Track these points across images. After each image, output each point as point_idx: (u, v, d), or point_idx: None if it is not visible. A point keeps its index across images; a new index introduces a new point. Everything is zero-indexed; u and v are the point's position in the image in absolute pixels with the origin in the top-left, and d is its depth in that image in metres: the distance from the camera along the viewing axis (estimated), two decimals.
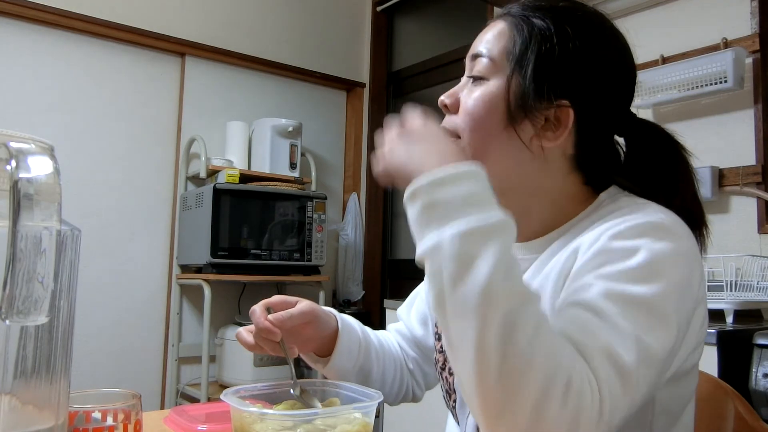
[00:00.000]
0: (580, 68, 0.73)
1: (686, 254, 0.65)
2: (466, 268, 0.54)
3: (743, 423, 0.87)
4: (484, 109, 0.74)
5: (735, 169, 2.02)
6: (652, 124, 0.83)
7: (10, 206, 0.42)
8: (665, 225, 0.66)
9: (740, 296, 1.75)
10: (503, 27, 0.77)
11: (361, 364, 0.90)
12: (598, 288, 0.60)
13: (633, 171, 0.79)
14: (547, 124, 0.73)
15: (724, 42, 2.05)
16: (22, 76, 2.61)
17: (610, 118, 0.77)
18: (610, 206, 0.74)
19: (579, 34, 0.73)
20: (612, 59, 0.76)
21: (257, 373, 2.59)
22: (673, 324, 0.60)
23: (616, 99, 0.77)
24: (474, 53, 0.78)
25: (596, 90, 0.74)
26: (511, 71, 0.74)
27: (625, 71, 0.78)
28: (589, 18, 0.76)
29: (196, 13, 3.04)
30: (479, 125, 0.75)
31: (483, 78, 0.76)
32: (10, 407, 0.46)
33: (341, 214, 3.49)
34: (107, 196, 2.78)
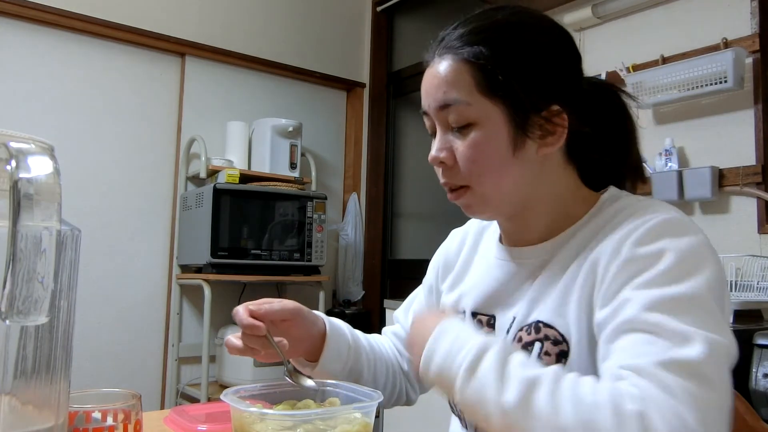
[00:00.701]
0: (551, 70, 0.74)
1: (707, 244, 0.66)
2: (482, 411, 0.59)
3: (743, 423, 0.87)
4: (488, 152, 0.73)
5: (735, 169, 2.02)
6: (597, 81, 0.84)
7: (10, 206, 0.42)
8: (678, 220, 0.67)
9: (740, 296, 1.75)
10: (457, 65, 0.73)
11: (351, 366, 0.89)
12: (638, 301, 0.61)
13: (593, 138, 0.80)
14: (546, 132, 0.74)
15: (724, 42, 2.05)
16: (22, 76, 2.61)
17: (581, 96, 0.78)
18: (612, 207, 0.74)
19: (533, 38, 0.74)
20: (563, 46, 0.77)
21: (257, 373, 2.59)
22: (719, 312, 0.61)
23: (578, 80, 0.78)
24: (441, 104, 0.74)
25: (568, 80, 0.75)
26: (494, 105, 0.72)
27: (572, 47, 0.78)
28: (528, 18, 0.76)
29: (196, 13, 3.04)
30: (489, 169, 0.73)
31: (470, 124, 0.73)
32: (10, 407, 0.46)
33: (341, 214, 3.49)
34: (107, 196, 2.78)
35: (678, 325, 0.58)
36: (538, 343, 0.71)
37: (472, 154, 0.73)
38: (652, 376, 0.55)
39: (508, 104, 0.72)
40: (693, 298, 0.60)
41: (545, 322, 0.72)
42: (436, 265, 0.98)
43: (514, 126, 0.72)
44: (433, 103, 0.75)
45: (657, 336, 0.58)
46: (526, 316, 0.75)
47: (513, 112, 0.72)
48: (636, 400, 0.53)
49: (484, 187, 0.74)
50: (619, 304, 0.62)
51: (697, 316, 0.58)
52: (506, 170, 0.73)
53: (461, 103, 0.72)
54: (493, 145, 0.72)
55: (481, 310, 0.82)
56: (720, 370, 0.56)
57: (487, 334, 0.68)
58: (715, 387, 0.55)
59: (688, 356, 0.55)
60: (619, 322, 0.61)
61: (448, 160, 0.75)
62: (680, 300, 0.59)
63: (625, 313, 0.61)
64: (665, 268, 0.62)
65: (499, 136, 0.72)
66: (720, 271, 0.64)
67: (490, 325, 0.80)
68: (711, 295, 0.61)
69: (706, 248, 0.65)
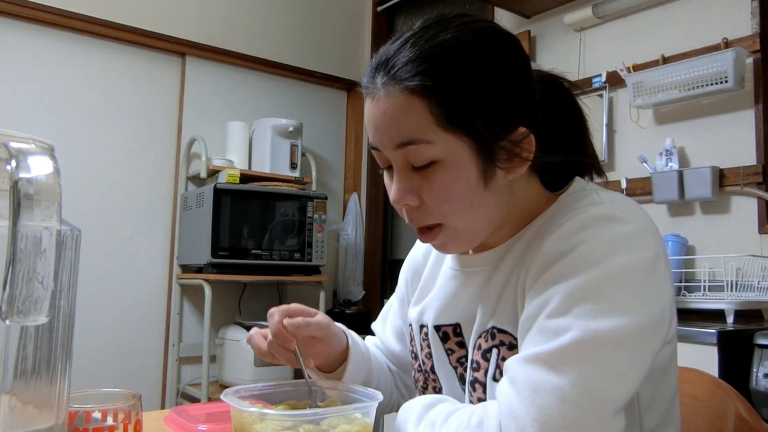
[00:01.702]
0: (510, 87, 0.68)
1: (636, 232, 0.63)
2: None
3: (744, 423, 0.87)
4: (458, 190, 0.67)
5: (735, 169, 2.02)
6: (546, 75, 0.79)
7: (10, 206, 0.42)
8: (603, 214, 0.64)
9: (741, 296, 1.75)
10: (408, 100, 0.65)
11: (363, 379, 0.88)
12: (536, 301, 0.62)
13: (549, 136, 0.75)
14: (511, 155, 0.68)
15: (725, 42, 2.05)
16: (22, 76, 2.61)
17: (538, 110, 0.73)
18: (558, 205, 0.73)
19: (486, 57, 0.66)
20: (515, 57, 0.70)
21: (257, 373, 2.59)
22: (629, 297, 0.59)
23: (533, 88, 0.72)
24: (398, 143, 0.66)
25: (527, 96, 0.70)
26: (457, 138, 0.65)
27: (523, 53, 0.72)
28: (479, 35, 0.68)
29: (196, 13, 3.05)
30: (462, 206, 0.68)
31: (433, 162, 0.66)
32: (10, 407, 0.46)
33: (341, 214, 3.49)
34: (107, 196, 2.78)
35: (555, 321, 0.59)
36: (495, 350, 0.70)
37: (443, 194, 0.67)
38: (508, 371, 0.60)
39: (472, 136, 0.65)
40: (585, 289, 0.59)
41: (500, 328, 0.70)
42: (405, 274, 0.96)
43: (482, 158, 0.66)
44: (387, 142, 0.67)
45: (536, 334, 0.60)
46: (484, 324, 0.73)
47: (478, 143, 0.66)
48: (478, 410, 0.60)
49: (458, 223, 0.69)
50: (527, 304, 0.64)
51: (586, 307, 0.58)
52: (479, 204, 0.68)
53: (422, 142, 0.65)
54: (462, 182, 0.67)
55: (443, 322, 0.80)
56: (591, 357, 0.56)
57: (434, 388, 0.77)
58: (565, 374, 0.55)
59: (549, 349, 0.57)
60: (521, 322, 0.64)
61: (414, 201, 0.69)
62: (573, 293, 0.59)
63: (524, 313, 0.63)
64: (565, 261, 0.62)
65: (467, 171, 0.66)
66: (647, 257, 0.62)
67: (456, 333, 0.79)
68: (620, 281, 0.60)
69: (632, 236, 0.63)
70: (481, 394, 0.71)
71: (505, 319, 0.70)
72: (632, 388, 0.58)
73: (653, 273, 0.62)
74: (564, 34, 2.61)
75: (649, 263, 0.62)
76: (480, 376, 0.71)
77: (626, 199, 0.69)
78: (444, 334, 0.80)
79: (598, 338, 0.56)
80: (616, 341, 0.57)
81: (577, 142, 0.78)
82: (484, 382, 0.70)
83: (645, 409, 0.68)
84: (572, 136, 0.78)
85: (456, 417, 0.62)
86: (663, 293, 0.63)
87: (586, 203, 0.67)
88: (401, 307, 0.96)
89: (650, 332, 0.60)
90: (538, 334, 0.60)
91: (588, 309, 0.58)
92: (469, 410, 0.62)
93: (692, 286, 1.95)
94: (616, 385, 0.56)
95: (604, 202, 0.67)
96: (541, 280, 0.63)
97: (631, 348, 0.58)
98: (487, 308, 0.73)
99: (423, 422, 0.65)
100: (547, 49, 2.70)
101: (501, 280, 0.73)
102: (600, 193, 0.70)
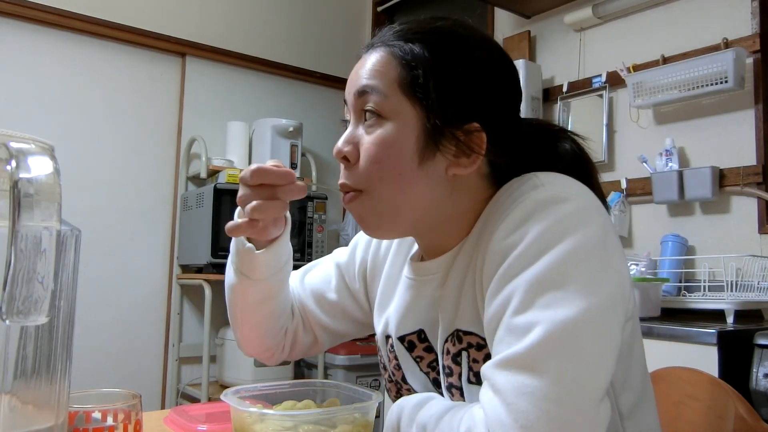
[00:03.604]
0: (480, 86, 0.69)
1: (578, 210, 0.62)
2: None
3: (743, 423, 0.87)
4: (391, 154, 0.67)
5: (735, 169, 2.02)
6: (539, 121, 0.80)
7: (10, 206, 0.42)
8: (544, 200, 0.63)
9: (741, 296, 1.75)
10: (385, 57, 0.69)
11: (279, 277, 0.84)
12: (496, 300, 0.61)
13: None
14: (460, 151, 0.68)
15: (725, 42, 2.05)
16: (22, 76, 2.61)
17: (512, 127, 0.74)
18: (501, 194, 0.70)
19: (468, 52, 0.70)
20: (501, 68, 0.72)
21: (257, 373, 2.59)
22: (587, 276, 0.58)
23: (512, 106, 0.74)
24: (359, 89, 0.70)
25: (498, 103, 0.71)
26: (411, 105, 0.67)
27: (512, 76, 0.74)
28: (470, 33, 0.72)
29: (196, 13, 3.05)
30: (390, 172, 0.68)
31: (379, 116, 0.68)
32: (10, 407, 0.46)
33: (342, 215, 3.49)
34: (107, 196, 2.78)
35: (521, 318, 0.58)
36: (465, 353, 0.69)
37: (376, 151, 0.68)
38: (487, 378, 0.59)
39: (425, 108, 0.67)
40: (543, 278, 0.58)
41: (464, 330, 0.69)
42: (362, 256, 0.92)
43: (426, 134, 0.67)
44: (351, 89, 0.71)
45: (505, 333, 0.59)
46: (448, 328, 0.72)
47: (427, 117, 0.67)
48: (465, 418, 0.60)
49: (380, 195, 0.69)
50: (489, 302, 0.62)
51: (549, 296, 0.57)
52: (407, 180, 0.68)
53: (378, 93, 0.68)
54: (398, 146, 0.67)
55: (406, 331, 0.79)
56: (564, 349, 0.56)
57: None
58: (543, 374, 0.55)
59: (521, 349, 0.56)
60: (486, 322, 0.63)
61: (351, 156, 0.70)
62: (532, 285, 0.58)
63: (487, 313, 0.62)
64: (518, 254, 0.61)
65: (407, 138, 0.67)
66: (596, 233, 0.61)
67: (421, 339, 0.77)
68: (575, 262, 0.59)
69: (577, 214, 0.62)
70: (459, 397, 0.70)
71: (468, 320, 0.69)
72: (610, 370, 0.58)
73: (605, 248, 0.61)
74: (564, 34, 2.61)
75: (599, 239, 0.61)
76: (455, 380, 0.70)
77: (565, 178, 0.67)
78: (410, 343, 0.78)
79: (567, 327, 0.56)
80: (584, 326, 0.56)
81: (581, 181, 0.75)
82: (460, 386, 0.70)
83: (619, 390, 0.67)
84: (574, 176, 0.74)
85: (446, 422, 0.62)
86: (618, 267, 0.63)
87: (526, 188, 0.66)
88: (338, 276, 0.93)
89: (614, 309, 0.60)
90: (507, 333, 0.59)
91: (550, 299, 0.57)
92: (458, 415, 0.61)
93: (692, 286, 1.95)
94: (594, 373, 0.56)
95: (543, 184, 0.65)
96: (498, 276, 0.62)
97: (599, 329, 0.57)
98: (448, 312, 0.72)
99: (415, 424, 0.65)
100: (547, 49, 2.70)
101: (456, 281, 0.72)
102: (539, 175, 0.68)
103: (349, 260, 0.94)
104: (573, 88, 2.52)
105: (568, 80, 2.55)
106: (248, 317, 0.87)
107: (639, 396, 0.70)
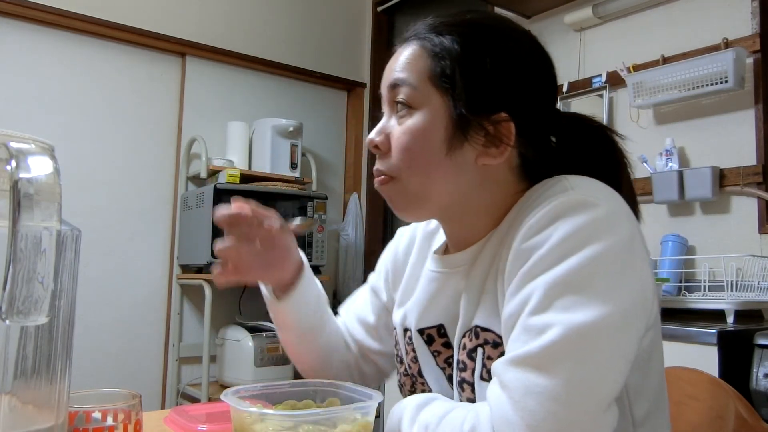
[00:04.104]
0: (509, 77, 0.70)
1: (604, 216, 0.62)
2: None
3: (743, 423, 0.87)
4: (420, 142, 0.70)
5: (735, 169, 2.02)
6: (579, 115, 0.80)
7: (10, 206, 0.42)
8: (571, 202, 0.62)
9: (741, 296, 1.75)
10: (416, 50, 0.72)
11: (312, 323, 0.89)
12: (516, 298, 0.61)
13: (570, 166, 0.75)
14: (489, 142, 0.70)
15: (725, 42, 2.05)
16: (22, 76, 2.61)
17: (544, 119, 0.75)
18: (531, 194, 0.70)
19: (498, 43, 0.71)
20: (533, 60, 0.74)
21: (257, 373, 2.59)
22: (609, 283, 0.58)
23: (545, 98, 0.75)
24: (392, 83, 0.73)
25: (528, 95, 0.72)
26: (440, 96, 0.70)
27: (546, 69, 0.75)
28: (501, 25, 0.74)
29: (196, 13, 3.05)
30: (418, 161, 0.70)
31: (410, 107, 0.71)
32: (10, 407, 0.46)
33: (342, 215, 3.49)
34: (107, 196, 2.78)
35: (538, 318, 0.58)
36: (480, 349, 0.69)
37: (406, 141, 0.70)
38: (497, 375, 0.59)
39: (453, 99, 0.69)
40: (564, 281, 0.58)
41: (482, 326, 0.70)
42: (384, 266, 0.95)
43: (454, 124, 0.69)
44: (386, 82, 0.74)
45: (521, 332, 0.59)
46: (467, 323, 0.73)
47: (455, 107, 0.69)
48: (470, 415, 0.60)
49: (410, 182, 0.71)
50: (508, 300, 0.63)
51: (567, 300, 0.57)
52: (435, 168, 0.70)
53: (408, 85, 0.71)
54: (427, 136, 0.70)
55: (426, 324, 0.79)
56: (578, 353, 0.56)
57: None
58: (554, 375, 0.55)
59: (535, 349, 0.56)
60: (504, 320, 0.63)
61: (383, 145, 0.73)
62: (552, 286, 0.58)
63: (505, 311, 0.63)
64: (542, 255, 0.61)
65: (435, 129, 0.69)
66: (622, 240, 0.61)
67: (441, 334, 0.78)
68: (597, 268, 0.58)
69: (605, 220, 0.61)
70: (470, 393, 0.70)
71: (487, 316, 0.70)
72: (621, 378, 0.58)
73: (630, 256, 0.61)
74: (564, 34, 2.61)
75: (624, 246, 0.61)
76: (467, 376, 0.70)
77: (596, 183, 0.67)
78: (428, 337, 0.79)
79: (583, 332, 0.56)
80: (600, 332, 0.56)
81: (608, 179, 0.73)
82: (472, 382, 0.70)
83: (634, 398, 0.67)
84: (603, 172, 0.74)
85: (449, 421, 0.62)
86: (642, 275, 0.62)
87: (556, 190, 0.66)
88: (372, 299, 0.95)
89: (633, 317, 0.60)
90: (522, 332, 0.59)
91: (569, 302, 0.57)
92: (461, 414, 0.62)
93: (692, 286, 1.95)
94: (605, 379, 0.56)
95: (573, 187, 0.65)
96: (520, 276, 0.62)
97: (615, 337, 0.57)
98: (469, 307, 0.73)
99: (416, 424, 0.65)
100: (547, 49, 2.70)
101: (480, 276, 0.72)
102: (569, 178, 0.68)
103: (377, 277, 0.96)
104: (573, 88, 2.52)
105: (568, 80, 2.55)
106: (297, 357, 0.92)
107: (653, 404, 0.69)
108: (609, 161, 0.77)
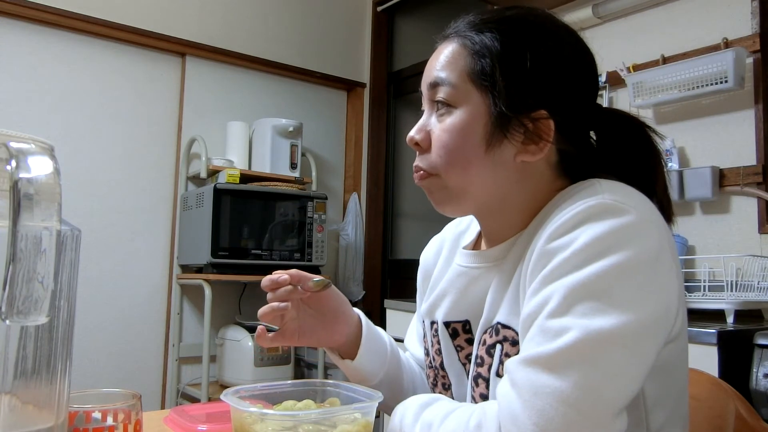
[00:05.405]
0: (549, 74, 0.70)
1: (634, 223, 0.61)
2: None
3: (743, 423, 0.87)
4: (459, 140, 0.70)
5: (735, 169, 2.02)
6: (621, 112, 0.80)
7: (10, 206, 0.42)
8: (600, 206, 0.62)
9: (741, 296, 1.75)
10: (456, 48, 0.72)
11: (387, 369, 0.88)
12: (535, 299, 0.61)
13: (608, 164, 0.76)
14: (528, 139, 0.70)
15: (725, 42, 2.05)
16: (22, 76, 2.61)
17: (584, 115, 0.75)
18: (560, 196, 0.70)
19: (538, 40, 0.71)
20: (574, 57, 0.74)
21: (257, 373, 2.59)
22: (630, 292, 0.58)
23: (585, 95, 0.75)
24: (432, 81, 0.73)
25: (568, 92, 0.72)
26: (480, 93, 0.70)
27: (587, 65, 0.75)
28: (542, 21, 0.74)
29: (196, 13, 3.04)
30: (458, 158, 0.71)
31: (449, 105, 0.72)
32: (10, 407, 0.46)
33: (341, 214, 3.49)
34: (107, 196, 2.78)
35: (555, 321, 0.58)
36: (499, 346, 0.70)
37: (446, 139, 0.71)
38: (509, 373, 0.60)
39: (493, 97, 0.69)
40: (585, 286, 0.58)
41: (503, 324, 0.70)
42: (419, 277, 0.96)
43: (494, 122, 0.69)
44: (426, 80, 0.75)
45: (537, 333, 0.59)
46: (490, 319, 0.73)
47: (494, 105, 0.69)
48: (476, 412, 0.60)
49: (450, 179, 0.72)
50: (527, 300, 0.63)
51: (586, 305, 0.57)
52: (476, 164, 0.70)
53: (448, 84, 0.71)
54: (467, 133, 0.70)
55: (453, 319, 0.80)
56: (592, 358, 0.55)
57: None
58: (565, 377, 0.55)
59: (549, 350, 0.57)
60: (522, 319, 0.63)
61: (423, 142, 0.74)
62: (573, 291, 0.58)
63: (524, 311, 0.63)
64: (565, 258, 0.60)
65: (475, 126, 0.70)
66: (649, 250, 0.60)
67: (466, 330, 0.79)
68: (620, 277, 0.58)
69: (633, 228, 0.60)
70: (483, 389, 0.71)
71: (508, 313, 0.70)
72: (634, 388, 0.57)
73: (655, 267, 0.60)
74: None
75: (651, 257, 0.60)
76: (483, 371, 0.71)
77: (628, 189, 0.66)
78: (453, 331, 0.80)
79: (599, 338, 0.56)
80: (617, 340, 0.56)
81: (643, 183, 0.74)
82: (487, 378, 0.70)
83: (651, 407, 0.67)
84: (640, 177, 0.75)
85: (454, 418, 0.62)
86: (667, 287, 0.62)
87: (587, 193, 0.65)
88: (419, 322, 0.96)
89: (652, 329, 0.59)
90: (538, 333, 0.59)
91: (588, 307, 0.57)
92: (467, 411, 0.62)
93: (692, 286, 1.95)
94: (616, 386, 0.56)
95: (605, 191, 0.64)
96: (541, 277, 0.62)
97: (632, 346, 0.57)
98: (493, 303, 0.73)
99: (419, 422, 0.65)
100: None
101: (507, 273, 0.72)
102: (602, 182, 0.68)
103: (418, 298, 0.96)
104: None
105: None
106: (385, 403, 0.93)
107: (670, 415, 0.69)
108: (647, 162, 0.77)
